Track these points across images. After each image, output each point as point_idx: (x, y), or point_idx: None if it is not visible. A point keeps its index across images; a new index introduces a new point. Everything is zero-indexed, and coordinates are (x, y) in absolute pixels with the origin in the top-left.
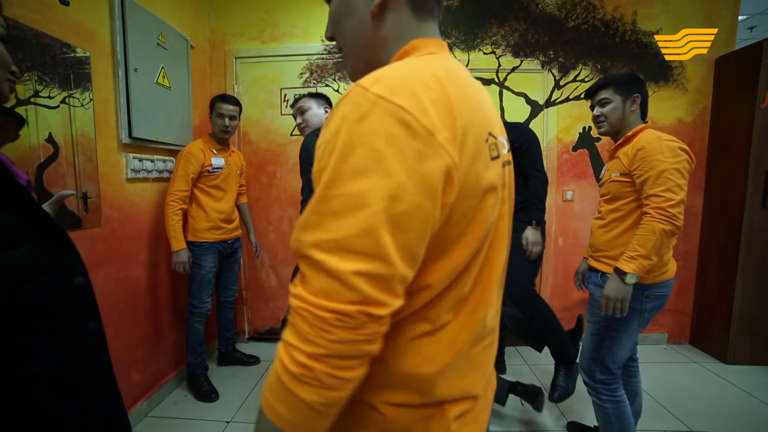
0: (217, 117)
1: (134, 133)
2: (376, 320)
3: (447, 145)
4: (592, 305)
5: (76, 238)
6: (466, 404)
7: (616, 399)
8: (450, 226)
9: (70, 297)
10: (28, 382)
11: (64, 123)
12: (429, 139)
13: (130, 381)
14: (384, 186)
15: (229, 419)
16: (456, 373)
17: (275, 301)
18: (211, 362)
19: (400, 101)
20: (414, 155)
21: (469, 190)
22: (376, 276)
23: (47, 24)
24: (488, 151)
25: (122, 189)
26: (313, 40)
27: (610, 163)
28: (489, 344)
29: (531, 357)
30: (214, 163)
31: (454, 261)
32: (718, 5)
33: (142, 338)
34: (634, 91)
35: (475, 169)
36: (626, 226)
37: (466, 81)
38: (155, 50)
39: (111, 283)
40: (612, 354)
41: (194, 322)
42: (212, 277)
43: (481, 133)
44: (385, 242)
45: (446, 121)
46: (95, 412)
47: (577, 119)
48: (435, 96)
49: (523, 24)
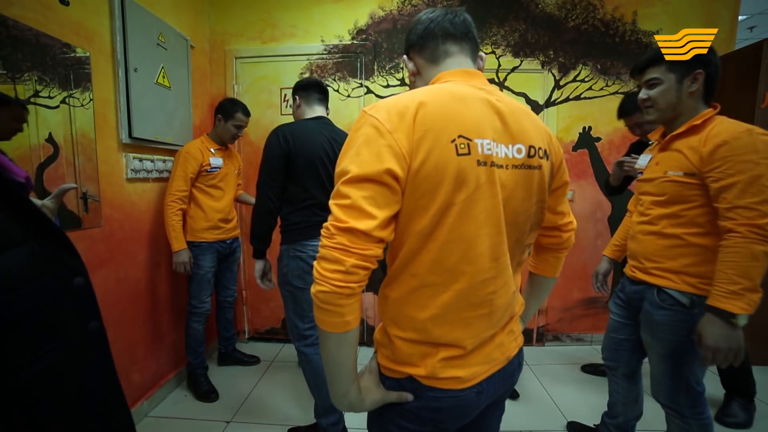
0: (235, 127)
1: (134, 133)
2: (341, 232)
3: (399, 140)
4: (656, 328)
5: (76, 238)
6: (455, 351)
7: (703, 421)
8: (416, 199)
9: (70, 298)
10: (28, 384)
11: (64, 123)
12: (388, 136)
13: (130, 381)
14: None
15: (229, 419)
16: (447, 325)
17: (275, 301)
18: (211, 362)
19: (377, 115)
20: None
21: (428, 174)
22: (341, 205)
23: (47, 24)
24: (455, 148)
25: (122, 189)
26: (313, 40)
27: (661, 156)
28: (486, 314)
29: (530, 357)
30: (213, 163)
31: (420, 225)
32: (718, 5)
33: (142, 338)
34: (695, 66)
35: (433, 160)
36: (692, 235)
37: (453, 100)
38: (155, 50)
39: (111, 283)
40: (694, 374)
41: (193, 322)
42: (211, 277)
43: (445, 135)
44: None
45: (404, 126)
46: (98, 413)
47: (577, 119)
48: (402, 111)
49: (523, 24)
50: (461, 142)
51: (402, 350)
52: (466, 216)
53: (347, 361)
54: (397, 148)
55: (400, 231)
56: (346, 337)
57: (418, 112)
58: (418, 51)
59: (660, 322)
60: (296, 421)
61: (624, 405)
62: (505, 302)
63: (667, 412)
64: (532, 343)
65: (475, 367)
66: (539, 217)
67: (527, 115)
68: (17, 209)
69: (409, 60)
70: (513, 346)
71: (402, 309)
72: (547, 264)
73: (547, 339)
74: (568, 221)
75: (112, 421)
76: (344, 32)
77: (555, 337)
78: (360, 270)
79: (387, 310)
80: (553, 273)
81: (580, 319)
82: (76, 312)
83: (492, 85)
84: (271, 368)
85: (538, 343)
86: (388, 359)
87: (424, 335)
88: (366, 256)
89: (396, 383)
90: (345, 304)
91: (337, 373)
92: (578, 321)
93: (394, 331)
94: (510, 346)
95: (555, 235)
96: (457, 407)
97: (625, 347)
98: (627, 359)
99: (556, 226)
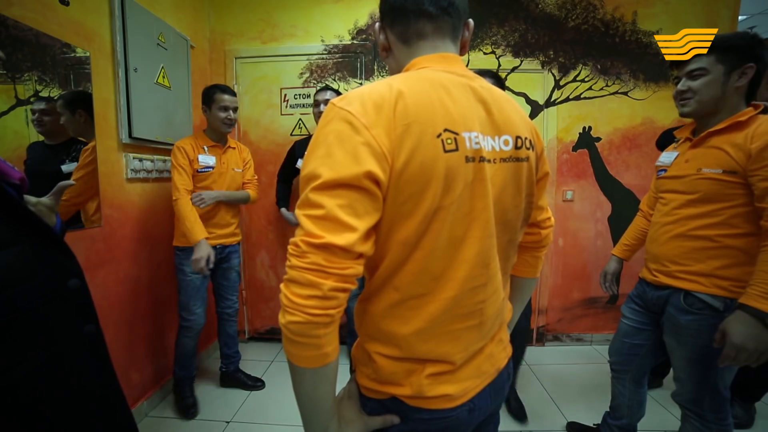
0: (220, 110)
1: (134, 133)
2: (315, 249)
3: (377, 137)
4: (683, 333)
5: (76, 238)
6: (443, 366)
7: (725, 427)
8: (399, 205)
9: (63, 300)
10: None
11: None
12: (364, 132)
13: (130, 381)
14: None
15: (229, 419)
16: (433, 340)
17: (275, 301)
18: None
19: (350, 108)
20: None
21: (413, 175)
22: (313, 216)
23: (47, 24)
24: (441, 144)
25: (122, 189)
26: (313, 40)
27: (693, 153)
28: (476, 325)
29: (530, 357)
30: (202, 162)
31: (404, 234)
32: (718, 5)
33: (142, 338)
34: (747, 59)
35: (418, 159)
36: (725, 237)
37: (433, 89)
38: (155, 50)
39: (111, 283)
40: (722, 379)
41: (183, 336)
42: (200, 283)
43: (430, 129)
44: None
45: (382, 120)
46: (98, 415)
47: (577, 119)
48: (379, 102)
49: (523, 24)
50: (448, 136)
51: (384, 368)
52: (455, 219)
53: (326, 399)
54: (376, 146)
55: (381, 241)
56: (324, 371)
57: (398, 103)
58: (389, 25)
59: (687, 326)
60: (296, 421)
61: (629, 408)
62: (495, 311)
63: (687, 414)
64: (532, 343)
65: (466, 383)
66: (528, 213)
67: (510, 103)
68: (7, 211)
69: (380, 30)
70: (502, 356)
71: (383, 324)
72: (527, 264)
73: (547, 339)
74: (546, 217)
75: (112, 423)
76: (344, 32)
77: (555, 337)
78: (339, 293)
79: (366, 326)
80: (534, 273)
81: (580, 319)
82: (71, 314)
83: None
84: (271, 368)
85: (538, 343)
86: (369, 378)
87: (408, 352)
88: (345, 276)
89: (379, 405)
90: (323, 334)
91: (315, 412)
92: (578, 321)
93: (375, 348)
94: (500, 356)
95: (534, 232)
96: (447, 429)
97: (638, 352)
98: (638, 364)
99: (535, 223)
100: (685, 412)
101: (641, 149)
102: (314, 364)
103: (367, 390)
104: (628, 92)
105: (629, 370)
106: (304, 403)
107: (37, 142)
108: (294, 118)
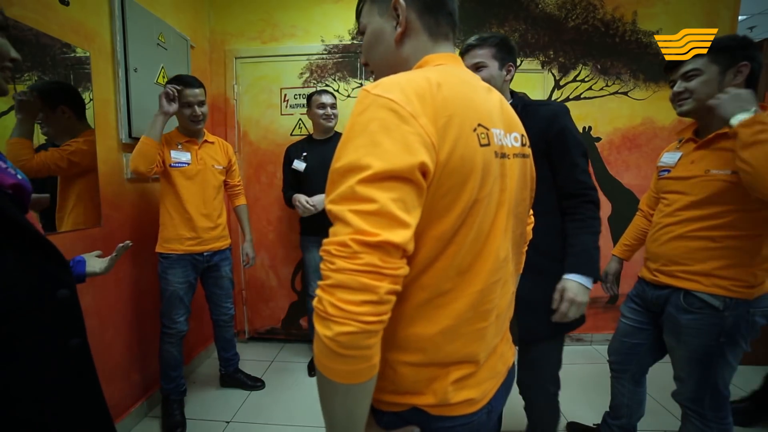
0: (183, 106)
1: (134, 133)
2: (369, 248)
3: (425, 126)
4: (683, 332)
5: (76, 238)
6: (468, 368)
7: (725, 426)
8: (438, 199)
9: (48, 311)
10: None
11: None
12: (412, 121)
13: (130, 381)
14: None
15: (229, 419)
16: (460, 339)
17: (275, 301)
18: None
19: (391, 96)
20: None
21: (454, 168)
22: (364, 212)
23: (47, 24)
24: (477, 138)
25: (122, 189)
26: (313, 40)
27: (700, 154)
28: (494, 321)
29: None
30: (175, 158)
31: (440, 229)
32: (718, 5)
33: (141, 338)
34: (740, 58)
35: (459, 152)
36: (727, 238)
37: (462, 83)
38: (155, 50)
39: (111, 283)
40: (722, 378)
41: (165, 343)
42: (184, 294)
43: (468, 123)
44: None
45: (427, 110)
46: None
47: (577, 119)
48: (421, 92)
49: (523, 24)
50: (481, 131)
51: (405, 377)
52: (485, 213)
53: (365, 415)
54: (425, 136)
55: (416, 239)
56: (369, 386)
57: (439, 93)
58: (418, 10)
59: (687, 325)
60: (296, 421)
61: (629, 407)
62: (507, 304)
63: (688, 413)
64: None
65: (485, 384)
66: (529, 207)
67: (506, 103)
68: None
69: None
70: (510, 354)
71: (408, 328)
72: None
73: None
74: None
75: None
76: (344, 32)
77: None
78: (392, 297)
79: (385, 334)
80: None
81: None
82: (56, 326)
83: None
84: (271, 368)
85: None
86: (386, 391)
87: (433, 355)
88: (398, 278)
89: (396, 417)
90: (374, 344)
91: (350, 426)
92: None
93: (395, 356)
94: (509, 354)
95: None
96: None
97: (637, 352)
98: (638, 363)
99: None
100: (685, 411)
101: (641, 149)
102: (361, 379)
103: (383, 403)
104: (628, 92)
105: (628, 370)
106: (339, 422)
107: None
108: (294, 118)
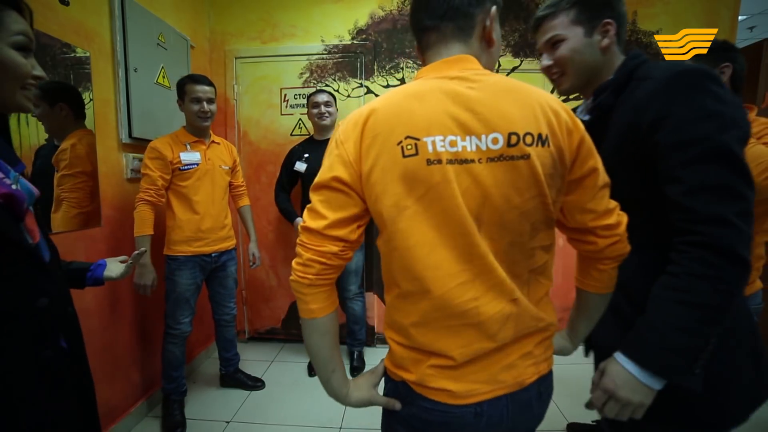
0: (192, 102)
1: (134, 133)
2: (302, 231)
3: (348, 149)
4: None
5: (76, 238)
6: (444, 360)
7: None
8: (372, 203)
9: (23, 320)
10: None
11: None
12: (340, 146)
13: (130, 381)
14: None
15: (229, 419)
16: (431, 333)
17: (275, 301)
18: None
19: (341, 128)
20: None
21: (377, 179)
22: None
23: (47, 24)
24: (401, 151)
25: (122, 189)
26: (313, 40)
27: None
28: (474, 324)
29: None
30: (185, 159)
31: (383, 237)
32: (718, 5)
33: (141, 338)
34: (722, 59)
35: (380, 164)
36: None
37: (409, 98)
38: (155, 50)
39: (110, 283)
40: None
41: (168, 343)
42: (190, 295)
43: (393, 138)
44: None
45: (356, 135)
46: None
47: None
48: (355, 120)
49: (523, 24)
50: (408, 143)
51: (397, 353)
52: (423, 219)
53: (320, 349)
54: (345, 156)
55: (379, 242)
56: (312, 324)
57: (368, 120)
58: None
59: None
60: (296, 421)
61: None
62: (501, 313)
63: None
64: None
65: (473, 385)
66: (545, 214)
67: (513, 95)
68: None
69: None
70: (530, 371)
71: (393, 314)
72: (589, 277)
73: None
74: (605, 223)
75: None
76: (344, 32)
77: None
78: (315, 264)
79: (386, 314)
80: (597, 288)
81: None
82: (28, 336)
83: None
84: (271, 368)
85: None
86: (389, 360)
87: (412, 342)
88: (320, 252)
89: (393, 386)
90: (307, 293)
91: (314, 360)
92: None
93: (390, 334)
94: (525, 370)
95: (589, 241)
96: (449, 425)
97: None
98: None
99: (587, 229)
100: None
101: None
102: (304, 316)
103: (388, 371)
104: None
105: None
106: (307, 348)
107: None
108: (294, 118)
